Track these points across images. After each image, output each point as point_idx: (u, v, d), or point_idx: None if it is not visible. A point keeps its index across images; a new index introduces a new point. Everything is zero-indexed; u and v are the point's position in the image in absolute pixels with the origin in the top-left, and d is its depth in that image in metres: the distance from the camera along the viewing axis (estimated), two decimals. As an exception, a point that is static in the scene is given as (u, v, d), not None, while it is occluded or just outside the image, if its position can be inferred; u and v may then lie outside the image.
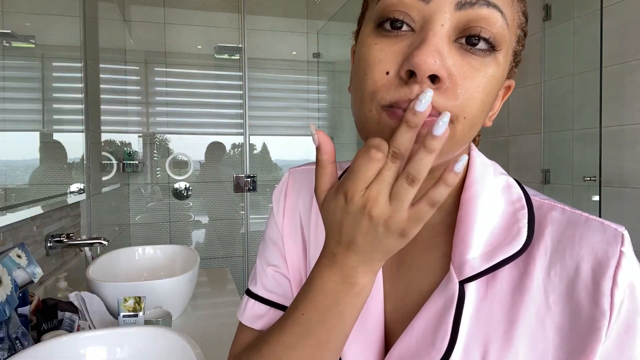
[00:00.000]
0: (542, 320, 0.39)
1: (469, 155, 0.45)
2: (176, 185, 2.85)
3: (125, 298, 1.04)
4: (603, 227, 0.39)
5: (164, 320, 1.07)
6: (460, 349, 0.40)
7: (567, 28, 2.27)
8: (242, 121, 2.78)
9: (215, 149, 2.92)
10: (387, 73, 0.37)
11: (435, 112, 0.35)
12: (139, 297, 1.05)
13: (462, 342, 0.40)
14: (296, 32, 2.93)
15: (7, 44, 1.08)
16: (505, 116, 2.64)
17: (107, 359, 0.83)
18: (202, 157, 2.91)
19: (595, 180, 2.07)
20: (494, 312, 0.40)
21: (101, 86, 2.10)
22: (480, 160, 0.45)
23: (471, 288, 0.41)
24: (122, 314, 1.03)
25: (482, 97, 0.36)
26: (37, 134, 1.31)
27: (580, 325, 0.37)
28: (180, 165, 2.86)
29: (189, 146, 2.88)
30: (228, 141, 2.96)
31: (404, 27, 0.37)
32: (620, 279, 0.37)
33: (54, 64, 1.48)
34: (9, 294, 0.78)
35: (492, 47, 0.36)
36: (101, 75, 2.09)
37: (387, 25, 0.37)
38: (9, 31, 1.09)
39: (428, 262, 0.45)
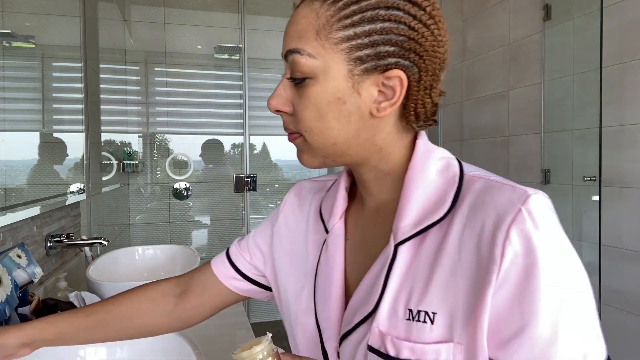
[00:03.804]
0: (455, 272, 0.45)
1: (415, 143, 0.53)
2: (176, 185, 2.85)
3: (125, 298, 1.04)
4: (514, 190, 0.45)
5: (164, 320, 1.07)
6: (389, 297, 0.48)
7: (567, 28, 2.27)
8: (242, 121, 2.78)
9: (209, 147, 2.91)
10: None
11: (294, 132, 0.52)
12: (139, 297, 1.05)
13: (392, 292, 0.48)
14: (296, 32, 2.92)
15: (7, 44, 1.08)
16: (505, 116, 2.64)
17: (107, 359, 0.83)
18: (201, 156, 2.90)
19: (595, 180, 2.07)
20: (419, 268, 0.48)
21: (101, 86, 2.09)
22: (423, 147, 0.52)
23: (403, 249, 0.49)
24: (122, 314, 1.03)
25: (310, 113, 0.49)
26: (37, 134, 1.31)
27: (481, 272, 0.43)
28: (180, 165, 2.86)
29: (189, 146, 2.88)
30: (228, 141, 2.96)
31: None
32: (513, 234, 0.42)
33: (54, 64, 1.48)
34: (9, 294, 0.78)
35: (305, 78, 0.49)
36: (101, 75, 2.09)
37: None
38: (9, 31, 1.09)
39: (380, 233, 0.54)
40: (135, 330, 0.68)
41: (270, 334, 0.44)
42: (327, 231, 0.58)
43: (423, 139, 0.53)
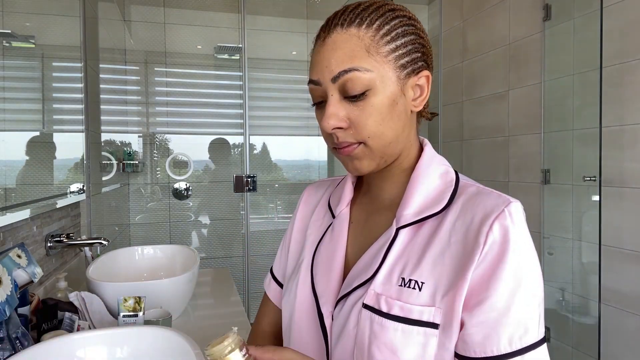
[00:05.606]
0: (443, 253, 0.56)
1: (422, 150, 0.65)
2: (176, 185, 2.85)
3: (125, 298, 1.04)
4: (500, 197, 0.56)
5: (164, 320, 1.07)
6: (387, 268, 0.58)
7: (567, 28, 2.27)
8: (242, 121, 2.78)
9: (215, 147, 2.91)
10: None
11: (353, 143, 0.58)
12: (139, 297, 1.05)
13: (389, 264, 0.58)
14: (296, 32, 2.93)
15: (7, 44, 1.08)
16: (505, 116, 2.64)
17: (107, 359, 0.83)
18: (201, 157, 2.90)
19: (595, 180, 2.07)
20: (414, 248, 0.58)
21: (101, 86, 2.10)
22: (429, 154, 0.64)
23: (403, 233, 0.59)
24: (122, 314, 1.03)
25: (374, 119, 0.56)
26: (37, 134, 1.31)
27: (466, 254, 0.54)
28: (180, 165, 2.86)
29: (189, 146, 2.88)
30: (228, 141, 2.95)
31: (323, 102, 0.59)
32: (495, 226, 0.53)
33: (54, 64, 1.48)
34: (9, 294, 0.78)
35: (366, 91, 0.55)
36: (101, 75, 2.09)
37: (313, 102, 0.62)
38: (9, 31, 1.09)
39: (384, 220, 0.64)
40: None
41: (236, 328, 0.50)
42: (333, 216, 0.69)
43: (429, 147, 0.65)
